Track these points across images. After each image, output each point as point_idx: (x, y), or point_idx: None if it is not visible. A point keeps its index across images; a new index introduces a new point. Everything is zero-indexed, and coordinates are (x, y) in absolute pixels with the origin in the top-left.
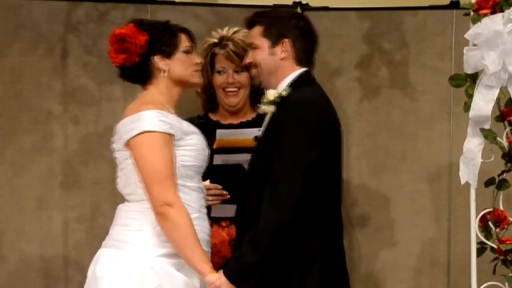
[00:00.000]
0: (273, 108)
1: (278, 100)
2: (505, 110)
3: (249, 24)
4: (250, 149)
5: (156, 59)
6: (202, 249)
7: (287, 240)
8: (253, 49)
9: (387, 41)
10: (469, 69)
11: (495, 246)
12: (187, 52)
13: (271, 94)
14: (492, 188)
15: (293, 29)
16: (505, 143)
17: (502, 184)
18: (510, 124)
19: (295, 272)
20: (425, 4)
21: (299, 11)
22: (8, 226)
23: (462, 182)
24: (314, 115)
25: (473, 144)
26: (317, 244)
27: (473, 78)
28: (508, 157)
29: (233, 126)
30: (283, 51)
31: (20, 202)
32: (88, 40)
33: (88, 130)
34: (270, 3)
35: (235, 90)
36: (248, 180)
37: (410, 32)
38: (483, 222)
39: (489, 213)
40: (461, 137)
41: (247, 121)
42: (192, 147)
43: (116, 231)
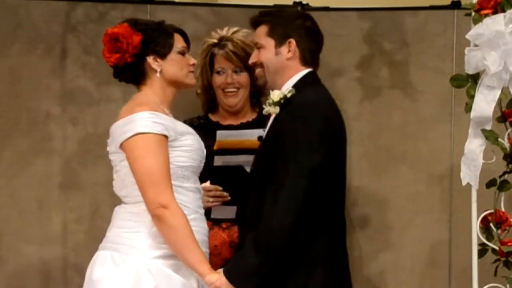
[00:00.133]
0: (278, 109)
1: (283, 101)
2: (507, 111)
3: (254, 24)
4: (251, 150)
5: (150, 60)
6: (200, 250)
7: (290, 242)
8: (258, 49)
9: (388, 42)
10: (471, 70)
11: (497, 248)
12: (182, 53)
13: (276, 95)
14: (494, 189)
15: (299, 29)
16: (507, 144)
17: (504, 185)
18: None
19: (298, 274)
20: (426, 4)
21: None
22: (7, 228)
23: (464, 183)
24: (319, 117)
25: (475, 145)
26: (320, 246)
27: (475, 79)
28: (510, 158)
29: (233, 127)
30: (289, 51)
31: (19, 203)
32: (87, 41)
33: (87, 131)
34: (270, 3)
35: (234, 91)
36: (251, 181)
37: (411, 33)
38: (485, 224)
39: (491, 215)
40: (462, 138)
41: (247, 122)
42: (188, 148)
43: (113, 233)
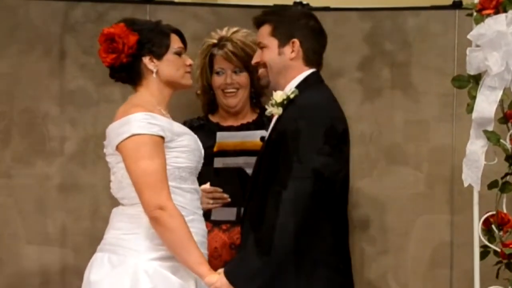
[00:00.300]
0: (281, 110)
1: (286, 102)
2: (509, 112)
3: (258, 23)
4: (251, 152)
5: (146, 60)
6: (199, 251)
7: (293, 244)
8: (261, 49)
9: (389, 42)
10: (472, 70)
11: (499, 250)
12: (179, 53)
13: (279, 96)
14: (495, 191)
15: (303, 29)
16: (509, 145)
17: (506, 187)
18: None
19: (300, 277)
20: (427, 5)
21: None
22: (6, 230)
23: (465, 185)
24: (322, 119)
25: (476, 147)
26: (323, 248)
27: (476, 79)
28: None
29: (234, 128)
30: (293, 51)
31: (18, 204)
32: (86, 41)
33: (87, 132)
34: (270, 3)
35: (234, 91)
36: (253, 182)
37: (412, 33)
38: (486, 225)
39: (492, 216)
40: (464, 139)
41: (248, 123)
42: (185, 148)
43: (111, 235)
